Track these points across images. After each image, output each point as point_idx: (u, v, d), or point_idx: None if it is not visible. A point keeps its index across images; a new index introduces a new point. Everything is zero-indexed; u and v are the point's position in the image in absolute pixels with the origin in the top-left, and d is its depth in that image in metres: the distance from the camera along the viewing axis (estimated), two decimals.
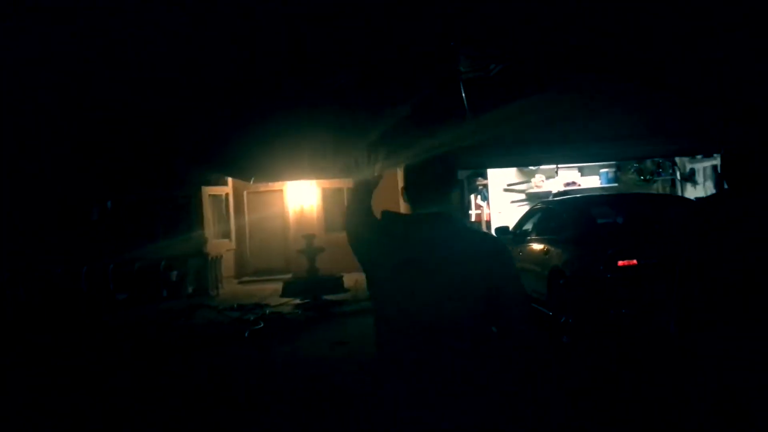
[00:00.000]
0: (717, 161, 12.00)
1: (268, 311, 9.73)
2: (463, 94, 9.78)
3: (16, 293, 11.13)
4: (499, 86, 10.56)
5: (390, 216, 2.06)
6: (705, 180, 12.48)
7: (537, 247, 6.96)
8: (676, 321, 3.74)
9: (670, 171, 13.17)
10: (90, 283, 11.91)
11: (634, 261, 5.36)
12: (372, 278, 2.05)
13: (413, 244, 1.92)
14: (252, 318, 9.04)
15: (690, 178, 12.87)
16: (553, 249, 6.39)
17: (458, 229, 1.98)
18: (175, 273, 13.06)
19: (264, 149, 13.57)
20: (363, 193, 2.27)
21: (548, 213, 7.17)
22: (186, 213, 14.29)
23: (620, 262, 5.35)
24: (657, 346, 5.09)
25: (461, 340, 1.84)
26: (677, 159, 12.86)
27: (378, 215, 2.17)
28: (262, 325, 8.44)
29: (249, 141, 13.63)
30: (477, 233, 2.11)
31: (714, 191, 11.98)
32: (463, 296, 1.84)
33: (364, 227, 2.16)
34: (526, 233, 7.72)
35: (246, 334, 7.78)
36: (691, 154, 12.38)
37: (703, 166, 12.52)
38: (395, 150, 2.94)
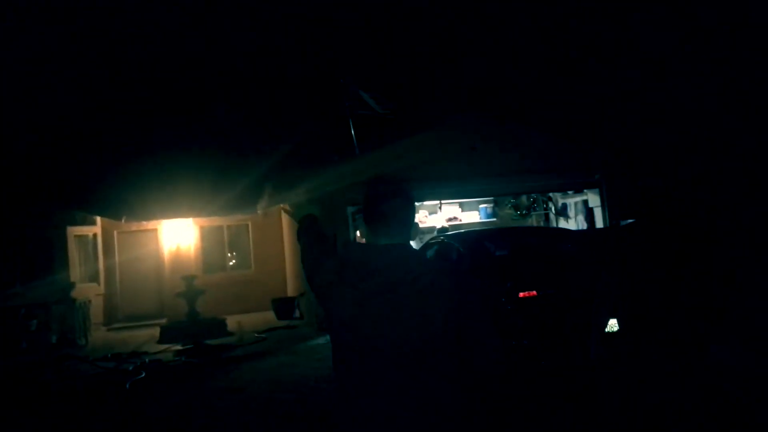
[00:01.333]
0: (586, 197, 12.81)
1: (147, 360, 9.00)
2: (353, 132, 9.81)
3: None
4: (385, 124, 10.70)
5: (354, 247, 1.97)
6: (576, 214, 13.26)
7: None
8: (596, 348, 3.81)
9: (544, 206, 13.88)
10: None
11: (534, 292, 5.48)
12: (335, 312, 1.93)
13: (381, 275, 1.86)
14: (131, 368, 8.31)
15: (562, 212, 13.62)
16: None
17: (423, 259, 1.93)
18: (35, 322, 11.84)
19: (137, 187, 12.79)
20: (313, 227, 2.20)
21: (445, 247, 7.21)
22: (48, 255, 13.10)
23: (521, 294, 5.44)
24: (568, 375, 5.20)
25: (431, 371, 1.82)
26: (551, 194, 13.59)
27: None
28: (143, 375, 7.76)
29: (120, 179, 12.78)
30: (443, 264, 2.05)
31: (585, 224, 12.74)
32: (434, 328, 1.83)
33: (321, 262, 2.02)
34: None
35: (127, 386, 7.10)
36: (563, 190, 13.12)
37: (574, 201, 13.30)
38: (283, 186, 2.89)
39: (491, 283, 5.78)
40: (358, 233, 16.50)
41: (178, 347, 10.07)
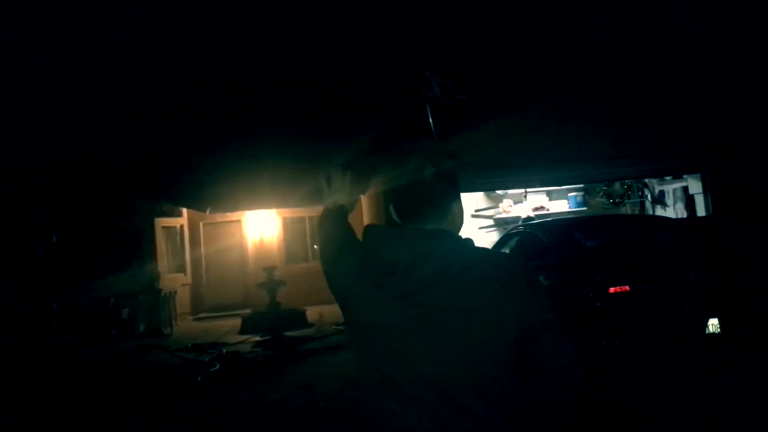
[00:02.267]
0: (686, 183, 11.81)
1: (225, 351, 8.98)
2: (430, 117, 9.40)
3: None
4: (466, 108, 10.21)
5: (375, 233, 1.53)
6: (675, 202, 12.26)
7: None
8: (695, 351, 3.28)
9: (639, 194, 12.93)
10: (31, 324, 10.96)
11: (626, 287, 4.89)
12: (355, 323, 1.51)
13: (408, 271, 1.40)
14: (207, 359, 8.29)
15: (660, 200, 12.65)
16: None
17: (468, 249, 1.46)
18: (126, 311, 12.20)
19: (221, 178, 12.94)
20: (337, 217, 1.78)
21: (527, 237, 6.68)
22: (137, 246, 13.49)
23: (612, 289, 4.88)
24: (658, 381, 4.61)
25: (484, 401, 1.35)
26: (647, 181, 12.65)
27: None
28: (218, 367, 7.70)
29: (204, 170, 12.96)
30: (495, 254, 1.57)
31: (685, 213, 11.77)
32: (484, 343, 1.36)
33: (342, 257, 1.62)
34: None
35: (199, 379, 7.03)
36: (660, 176, 12.18)
37: (673, 188, 12.31)
38: (363, 173, 2.54)
39: (577, 277, 5.24)
40: None
41: (257, 338, 10.03)
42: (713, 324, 4.66)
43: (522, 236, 7.12)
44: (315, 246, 15.51)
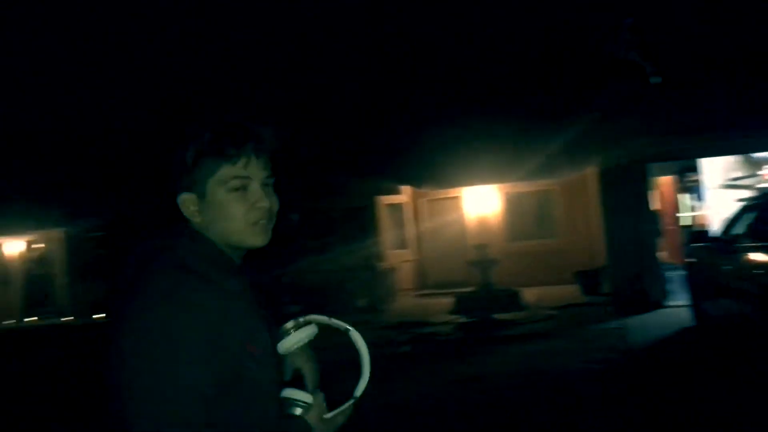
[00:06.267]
0: None
1: (425, 331, 8.68)
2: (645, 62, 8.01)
3: None
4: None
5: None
6: None
7: (754, 256, 5.12)
8: None
9: None
10: (266, 295, 11.86)
11: None
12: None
13: None
14: (404, 339, 8.04)
15: None
16: None
17: None
18: (348, 286, 12.63)
19: (440, 154, 12.70)
20: None
21: None
22: (361, 224, 13.89)
23: None
24: None
25: None
26: None
27: None
28: (409, 349, 7.41)
29: (425, 147, 12.81)
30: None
31: None
32: None
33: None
34: (737, 238, 5.80)
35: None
36: None
37: None
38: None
39: None
40: (683, 197, 14.17)
41: (464, 320, 9.59)
42: None
43: (764, 209, 5.60)
44: (534, 222, 14.55)
